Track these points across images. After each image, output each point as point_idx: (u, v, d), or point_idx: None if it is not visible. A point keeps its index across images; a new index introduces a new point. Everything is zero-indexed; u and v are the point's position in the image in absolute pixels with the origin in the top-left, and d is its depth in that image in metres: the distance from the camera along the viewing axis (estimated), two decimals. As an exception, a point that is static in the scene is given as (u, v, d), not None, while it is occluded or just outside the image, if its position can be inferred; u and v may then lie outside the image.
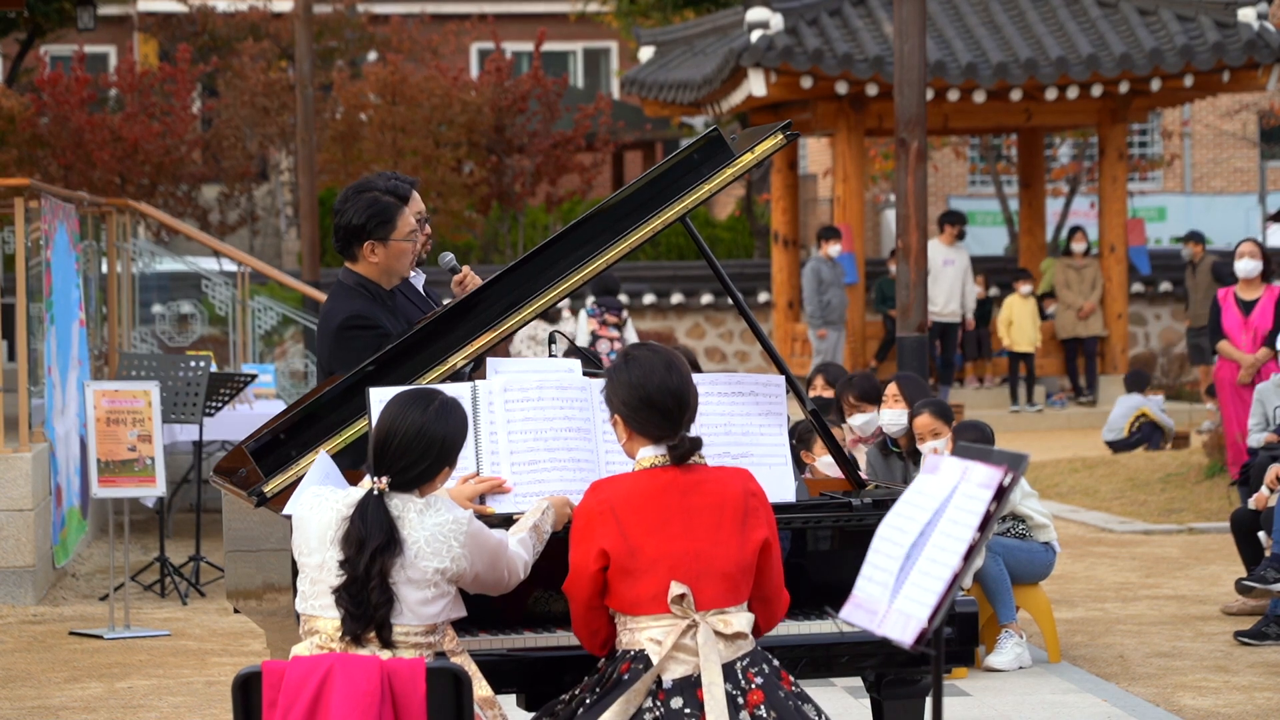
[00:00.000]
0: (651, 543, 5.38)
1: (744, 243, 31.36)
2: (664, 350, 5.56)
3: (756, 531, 5.44)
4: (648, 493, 5.41)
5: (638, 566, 5.38)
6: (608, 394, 5.54)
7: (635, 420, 5.47)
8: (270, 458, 6.04)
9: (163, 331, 17.49)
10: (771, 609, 5.55)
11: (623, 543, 5.38)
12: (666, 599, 5.36)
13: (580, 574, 5.43)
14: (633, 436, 5.50)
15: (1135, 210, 28.54)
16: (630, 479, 5.47)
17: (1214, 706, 8.94)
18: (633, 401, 5.45)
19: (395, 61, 28.36)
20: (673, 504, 5.41)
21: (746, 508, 5.44)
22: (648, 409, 5.44)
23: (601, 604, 5.47)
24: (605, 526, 5.40)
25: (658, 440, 5.46)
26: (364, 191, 7.05)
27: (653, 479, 5.44)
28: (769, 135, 6.30)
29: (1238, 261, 14.16)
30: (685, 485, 5.43)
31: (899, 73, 13.23)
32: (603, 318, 19.23)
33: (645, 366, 5.48)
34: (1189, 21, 22.39)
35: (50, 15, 26.24)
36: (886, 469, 10.13)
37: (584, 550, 5.42)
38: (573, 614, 5.52)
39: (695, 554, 5.38)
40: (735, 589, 5.42)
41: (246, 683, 5.26)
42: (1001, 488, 4.59)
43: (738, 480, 5.49)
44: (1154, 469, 17.05)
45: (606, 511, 5.40)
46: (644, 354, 5.53)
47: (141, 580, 12.43)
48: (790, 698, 5.41)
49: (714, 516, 5.41)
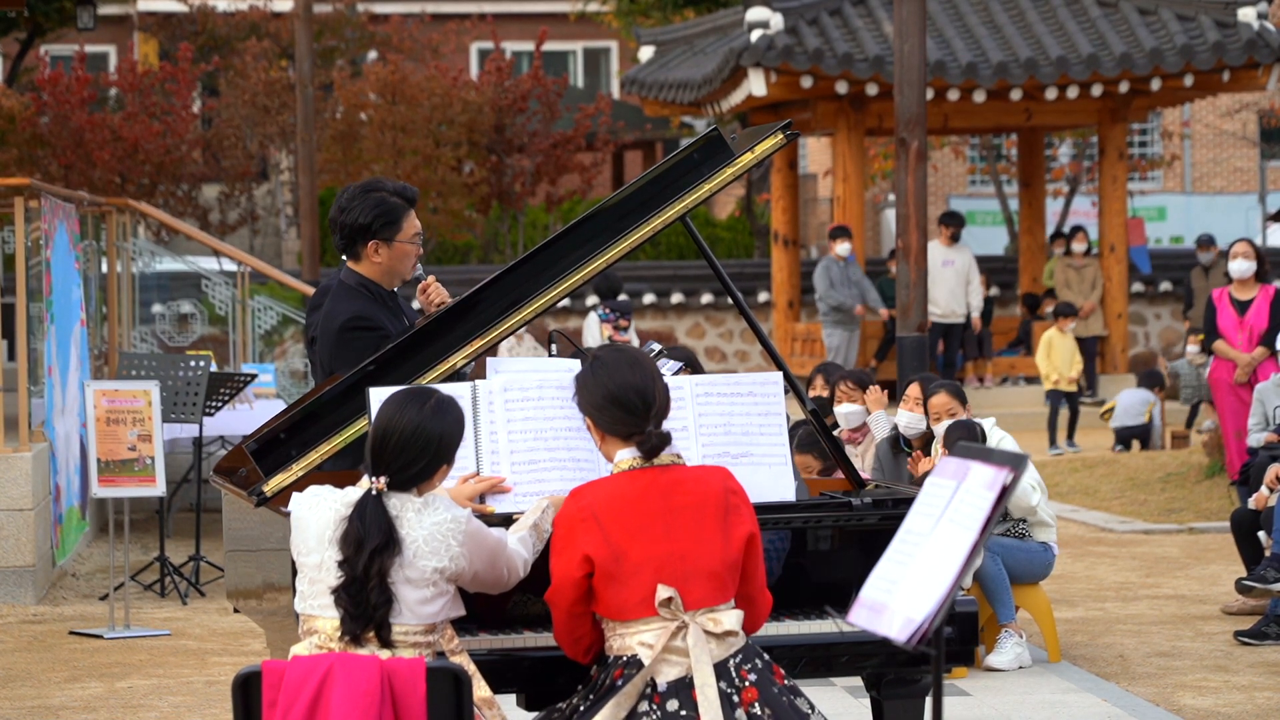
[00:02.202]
0: (635, 546, 5.37)
1: (744, 243, 31.36)
2: (629, 350, 5.59)
3: (740, 528, 5.44)
4: (628, 496, 5.41)
5: (623, 571, 5.36)
6: (578, 399, 5.57)
7: (602, 419, 5.49)
8: (270, 457, 6.04)
9: (163, 331, 17.49)
10: (755, 610, 5.54)
11: (606, 548, 5.37)
12: (654, 602, 5.35)
13: (564, 582, 5.41)
14: (605, 438, 5.52)
15: (1135, 210, 28.55)
16: (609, 483, 5.47)
17: (1214, 706, 8.94)
18: (598, 400, 5.48)
19: (395, 61, 28.36)
20: (654, 506, 5.40)
21: (728, 505, 5.44)
22: (612, 406, 5.45)
23: (586, 611, 5.45)
24: (588, 532, 5.38)
25: (626, 438, 5.46)
26: (371, 191, 7.06)
27: (632, 481, 5.43)
28: (769, 135, 6.30)
29: (1232, 262, 14.18)
30: (665, 486, 5.43)
31: (899, 72, 13.23)
32: (616, 322, 19.31)
33: (610, 366, 5.51)
34: (1189, 21, 22.39)
35: (50, 15, 26.25)
36: (895, 467, 10.14)
37: (567, 557, 5.41)
38: (555, 623, 5.50)
39: (680, 555, 5.38)
40: (722, 587, 5.41)
41: (246, 682, 5.26)
42: (1004, 489, 4.60)
43: (717, 478, 5.49)
44: (1154, 469, 17.05)
45: (589, 517, 5.39)
46: (608, 355, 5.56)
47: (141, 580, 12.43)
48: (784, 693, 5.42)
49: (696, 515, 5.41)
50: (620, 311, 19.39)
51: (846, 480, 6.53)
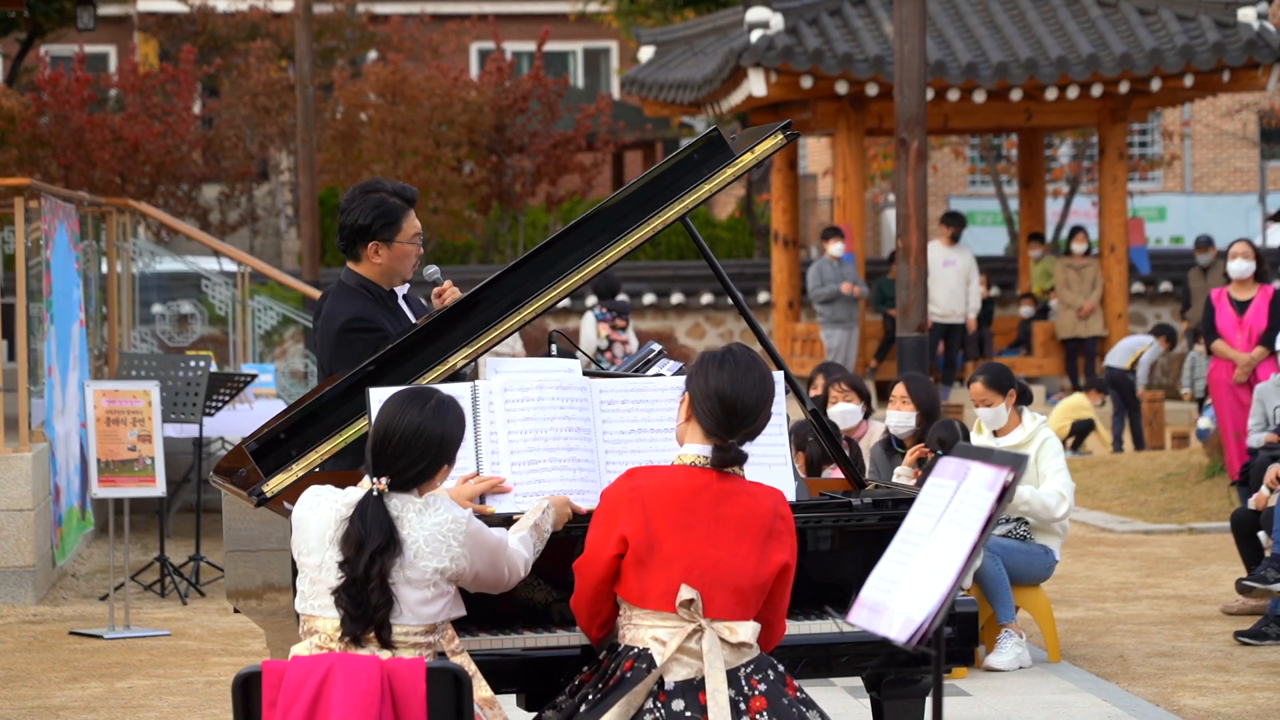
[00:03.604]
0: (673, 539, 5.37)
1: (744, 243, 31.36)
2: (763, 364, 5.51)
3: (778, 554, 5.42)
4: (680, 489, 5.40)
5: (655, 559, 5.37)
6: (690, 377, 5.50)
7: (700, 406, 5.43)
8: (270, 458, 6.04)
9: (163, 331, 17.49)
10: (769, 634, 5.53)
11: (645, 533, 5.37)
12: (675, 599, 5.36)
13: (597, 556, 5.42)
14: (690, 420, 5.47)
15: (1135, 210, 28.54)
16: (667, 472, 5.45)
17: (1214, 706, 8.94)
18: (709, 389, 5.41)
19: (395, 61, 28.36)
20: (703, 507, 5.39)
21: (773, 529, 5.42)
22: (717, 401, 5.40)
23: (610, 590, 5.45)
24: (632, 513, 5.38)
25: (708, 434, 5.44)
26: (371, 192, 7.06)
27: (690, 477, 5.43)
28: (769, 135, 6.30)
29: (1231, 262, 14.18)
30: (719, 492, 5.42)
31: (899, 73, 13.23)
32: (613, 322, 19.43)
33: (739, 366, 5.44)
34: (1189, 21, 22.39)
35: (50, 15, 26.23)
36: (889, 468, 10.15)
37: (605, 532, 5.41)
38: (578, 592, 5.50)
39: (713, 560, 5.37)
40: (745, 605, 5.40)
41: (246, 683, 5.26)
42: (1004, 489, 4.60)
43: (770, 499, 5.46)
44: (1154, 469, 17.05)
45: (636, 499, 5.39)
46: (744, 355, 5.49)
47: (141, 580, 12.43)
48: (794, 704, 5.40)
49: (739, 529, 5.39)
50: (618, 311, 19.51)
51: (846, 480, 6.53)
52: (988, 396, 9.99)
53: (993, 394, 9.98)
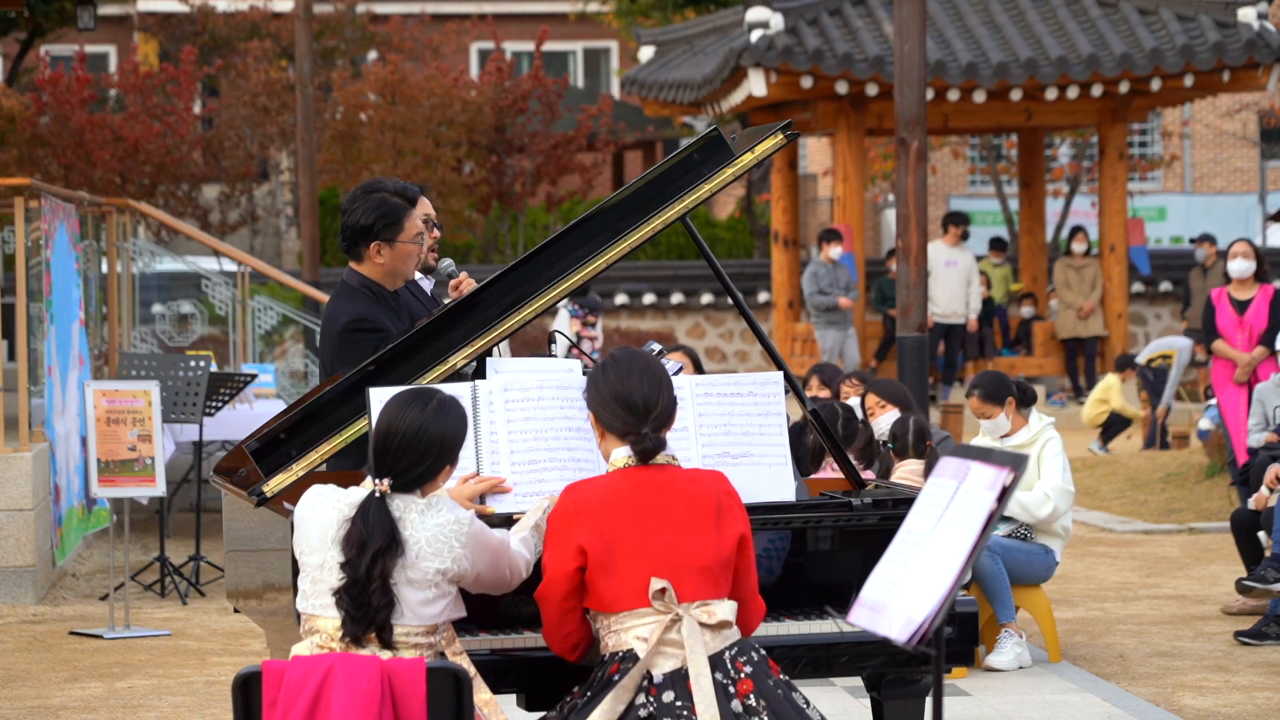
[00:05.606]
0: (629, 538, 5.42)
1: (744, 243, 31.36)
2: (644, 355, 5.65)
3: (733, 527, 5.49)
4: (622, 490, 5.47)
5: (616, 561, 5.41)
6: (587, 394, 5.65)
7: (603, 415, 5.55)
8: (270, 457, 6.04)
9: (163, 331, 17.49)
10: (747, 613, 5.57)
11: (600, 539, 5.42)
12: (648, 594, 5.39)
13: (557, 574, 5.45)
14: (604, 435, 5.58)
15: (1135, 210, 28.54)
16: (603, 479, 5.53)
17: (1214, 706, 8.94)
18: (603, 397, 5.54)
19: (395, 61, 28.35)
20: (647, 500, 5.46)
21: (720, 505, 5.49)
22: (615, 404, 5.51)
23: (577, 606, 5.48)
24: (582, 524, 5.44)
25: (623, 437, 5.51)
26: (373, 192, 7.06)
27: (625, 477, 5.50)
28: (769, 135, 6.30)
29: (1231, 261, 14.18)
30: (658, 483, 5.49)
31: (899, 73, 13.23)
32: (585, 318, 19.70)
33: (621, 366, 5.57)
34: (1189, 21, 22.39)
35: (50, 15, 26.22)
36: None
37: (561, 549, 5.46)
38: (545, 620, 5.53)
39: (672, 548, 5.42)
40: (715, 582, 5.45)
41: (246, 682, 5.26)
42: (1004, 489, 4.60)
43: (710, 479, 5.55)
44: (1154, 469, 17.05)
45: (585, 509, 5.45)
46: (623, 355, 5.63)
47: (141, 580, 12.43)
48: (779, 686, 5.45)
49: (688, 513, 5.46)
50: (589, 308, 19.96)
51: (846, 480, 6.53)
52: (985, 409, 10.00)
53: (990, 406, 9.98)
